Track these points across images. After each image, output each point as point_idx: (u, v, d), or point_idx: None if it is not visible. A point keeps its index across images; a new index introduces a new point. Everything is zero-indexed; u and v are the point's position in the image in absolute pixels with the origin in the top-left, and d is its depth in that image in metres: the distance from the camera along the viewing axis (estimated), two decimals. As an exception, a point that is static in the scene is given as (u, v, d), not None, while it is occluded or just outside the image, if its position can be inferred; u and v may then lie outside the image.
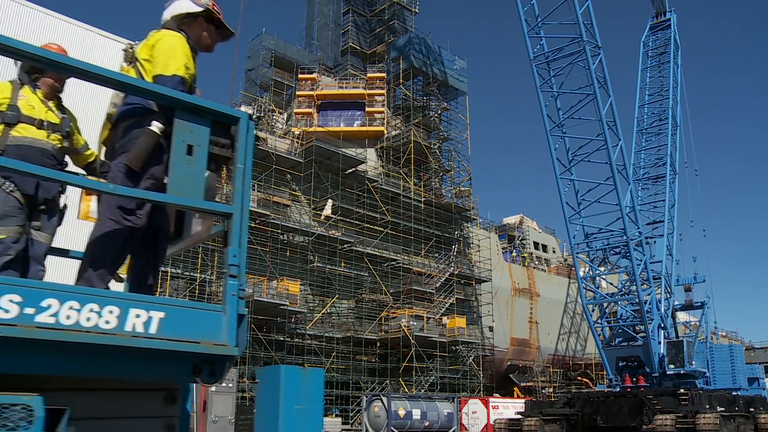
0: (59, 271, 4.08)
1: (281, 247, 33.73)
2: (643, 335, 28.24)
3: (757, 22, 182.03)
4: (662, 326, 29.02)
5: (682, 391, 24.87)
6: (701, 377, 27.98)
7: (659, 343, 28.25)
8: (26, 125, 3.99)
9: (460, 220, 44.07)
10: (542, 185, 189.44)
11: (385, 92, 42.19)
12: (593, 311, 30.24)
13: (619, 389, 28.01)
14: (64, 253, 3.91)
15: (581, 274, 30.91)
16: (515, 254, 52.28)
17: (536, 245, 55.62)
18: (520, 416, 27.75)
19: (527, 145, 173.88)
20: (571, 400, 28.12)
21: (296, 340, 33.73)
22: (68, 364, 2.50)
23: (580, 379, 47.68)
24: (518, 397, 40.17)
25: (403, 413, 27.44)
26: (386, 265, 37.95)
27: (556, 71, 29.92)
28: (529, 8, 30.14)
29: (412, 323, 36.16)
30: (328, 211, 37.24)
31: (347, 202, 37.83)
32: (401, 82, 43.06)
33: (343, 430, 31.44)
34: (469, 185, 44.90)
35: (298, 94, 41.19)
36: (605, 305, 30.27)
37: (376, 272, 37.68)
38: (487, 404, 32.07)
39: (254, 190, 29.76)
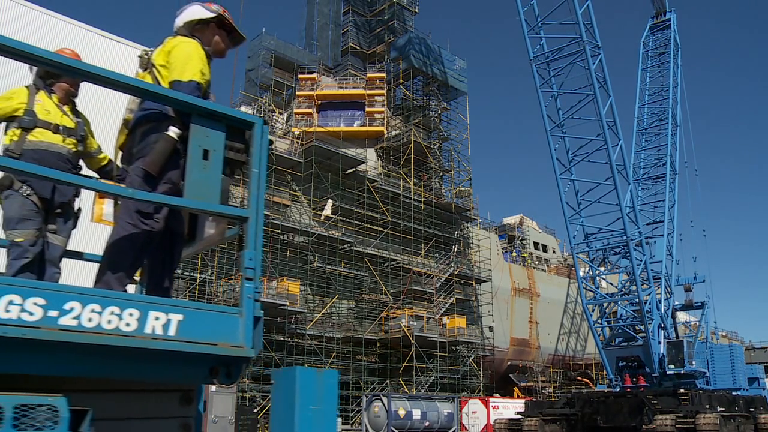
0: (71, 272, 4.13)
1: (281, 247, 33.71)
2: (643, 335, 28.26)
3: (757, 22, 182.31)
4: (662, 326, 29.04)
5: (682, 391, 24.88)
6: (701, 377, 27.99)
7: (659, 343, 28.26)
8: (43, 130, 4.03)
9: (460, 220, 44.05)
10: (542, 185, 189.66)
11: (385, 92, 42.12)
12: (593, 311, 30.25)
13: (619, 389, 28.01)
14: (78, 255, 3.95)
15: (581, 274, 30.92)
16: (515, 254, 52.25)
17: (536, 245, 55.60)
18: (520, 416, 27.76)
19: (527, 145, 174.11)
20: (571, 400, 28.10)
21: (296, 340, 33.68)
22: (89, 365, 2.55)
23: (580, 379, 47.67)
24: (518, 397, 40.18)
25: (403, 413, 27.46)
26: (386, 265, 37.92)
27: (556, 71, 29.95)
28: (529, 8, 30.16)
29: (412, 323, 36.10)
30: (328, 211, 37.22)
31: (347, 202, 37.81)
32: (401, 82, 42.98)
33: (343, 430, 31.42)
34: (469, 185, 44.92)
35: (298, 94, 41.12)
36: (605, 305, 30.28)
37: (376, 272, 37.65)
38: (487, 404, 32.08)
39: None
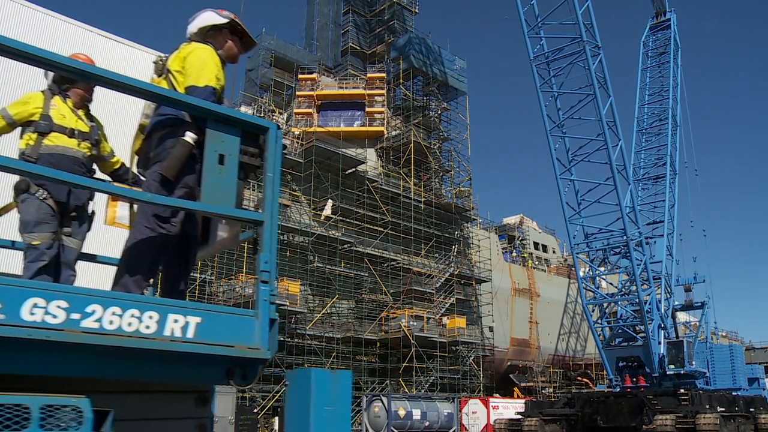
0: (84, 275, 4.16)
1: (281, 247, 33.71)
2: (643, 335, 28.30)
3: (757, 22, 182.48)
4: (662, 326, 29.09)
5: (682, 391, 24.92)
6: (701, 377, 28.03)
7: (659, 343, 28.31)
8: (58, 134, 4.08)
9: (460, 220, 44.09)
10: (542, 185, 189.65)
11: (385, 92, 42.13)
12: (593, 311, 30.29)
13: (619, 389, 28.05)
14: (92, 258, 4.00)
15: (581, 274, 30.96)
16: (515, 254, 52.29)
17: (536, 245, 55.65)
18: (520, 416, 27.81)
19: (527, 145, 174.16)
20: (571, 400, 28.14)
21: (296, 340, 33.69)
22: (110, 367, 2.59)
23: (580, 379, 47.71)
24: (518, 397, 40.23)
25: (403, 413, 27.49)
26: (386, 265, 37.95)
27: (556, 71, 29.99)
28: (529, 8, 30.19)
29: (412, 323, 36.12)
30: (328, 211, 37.25)
31: (347, 202, 37.84)
32: (401, 82, 43.01)
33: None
34: (469, 185, 44.96)
35: (298, 94, 41.13)
36: (605, 305, 30.31)
37: (376, 272, 37.68)
38: (487, 404, 32.11)
39: (254, 190, 29.78)
